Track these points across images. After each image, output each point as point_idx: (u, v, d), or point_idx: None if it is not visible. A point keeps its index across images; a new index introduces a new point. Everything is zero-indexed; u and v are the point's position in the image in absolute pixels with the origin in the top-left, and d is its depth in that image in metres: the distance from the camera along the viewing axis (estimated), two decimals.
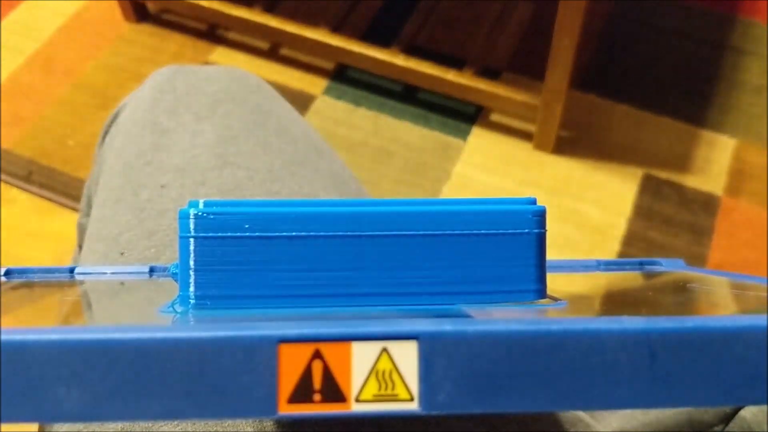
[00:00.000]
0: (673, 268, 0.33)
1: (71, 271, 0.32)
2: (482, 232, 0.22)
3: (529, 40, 1.32)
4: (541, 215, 0.23)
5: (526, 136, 1.20)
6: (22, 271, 0.31)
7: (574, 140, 1.20)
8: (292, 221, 0.22)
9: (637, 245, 1.09)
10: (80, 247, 0.50)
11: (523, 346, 0.16)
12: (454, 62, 1.20)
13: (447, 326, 0.16)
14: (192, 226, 0.22)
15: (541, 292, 0.23)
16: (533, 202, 0.23)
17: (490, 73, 1.25)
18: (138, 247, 0.40)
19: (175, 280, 0.23)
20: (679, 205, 1.13)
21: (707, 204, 1.14)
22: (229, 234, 0.22)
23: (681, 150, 1.19)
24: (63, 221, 1.10)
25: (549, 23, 1.03)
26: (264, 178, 0.43)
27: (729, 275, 0.30)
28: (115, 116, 0.50)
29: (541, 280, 0.23)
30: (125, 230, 0.42)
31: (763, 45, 1.31)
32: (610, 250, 1.09)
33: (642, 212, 1.13)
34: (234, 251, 0.22)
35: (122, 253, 0.41)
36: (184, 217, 0.22)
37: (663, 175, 1.16)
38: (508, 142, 1.20)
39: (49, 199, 1.12)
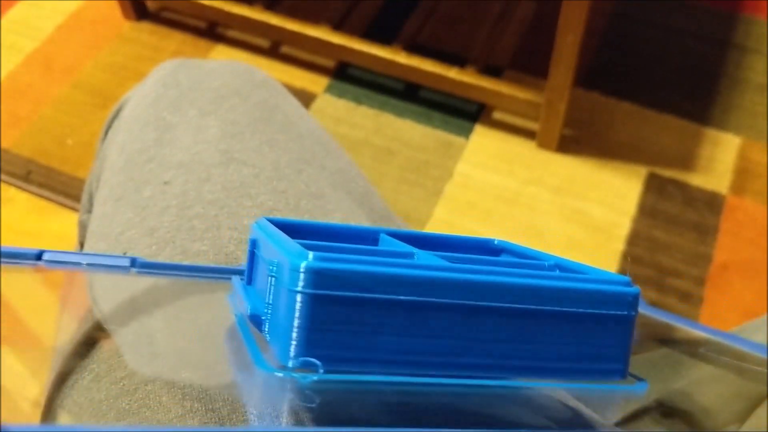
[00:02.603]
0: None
1: (38, 257, 0.28)
2: (587, 310, 0.22)
3: (532, 38, 1.31)
4: (638, 298, 0.23)
5: (529, 134, 1.19)
6: None
7: (578, 138, 1.19)
8: (414, 285, 0.20)
9: (641, 244, 1.08)
10: (81, 245, 0.49)
11: None
12: (456, 60, 1.19)
13: None
14: (302, 280, 0.20)
15: (626, 372, 0.23)
16: (628, 283, 0.23)
17: (492, 71, 1.24)
18: (140, 245, 0.40)
19: (252, 324, 0.21)
20: (683, 203, 1.13)
21: (712, 203, 1.13)
22: (347, 294, 0.20)
23: (685, 148, 1.19)
24: (62, 221, 1.09)
25: (552, 20, 1.02)
26: (270, 175, 0.42)
27: (730, 338, 0.30)
28: (118, 111, 0.49)
29: (628, 360, 0.23)
30: (127, 229, 0.41)
31: (766, 43, 1.30)
32: (614, 250, 1.08)
33: (646, 211, 1.12)
34: (347, 311, 0.20)
35: (125, 253, 0.40)
36: (294, 269, 0.20)
37: (667, 173, 1.16)
38: (510, 141, 1.19)
39: (48, 199, 1.11)
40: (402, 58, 1.16)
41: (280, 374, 0.20)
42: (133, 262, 0.29)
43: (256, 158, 0.43)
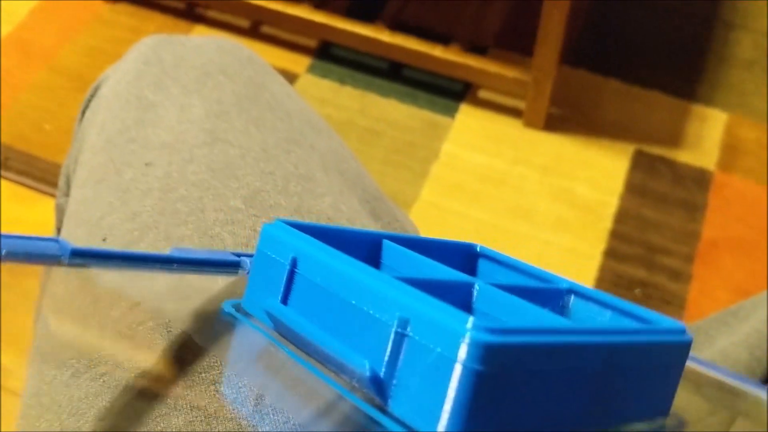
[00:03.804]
0: None
1: None
2: (661, 360, 0.22)
3: (517, 15, 1.29)
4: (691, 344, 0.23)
5: (515, 113, 1.17)
6: None
7: (565, 117, 1.18)
8: (571, 352, 0.19)
9: (629, 223, 1.07)
10: (58, 229, 0.47)
11: None
12: (441, 38, 1.17)
13: None
14: (465, 352, 0.17)
15: (669, 411, 0.23)
16: (684, 331, 0.22)
17: (477, 49, 1.22)
18: (121, 231, 0.38)
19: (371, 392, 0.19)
20: (671, 181, 1.12)
21: (700, 179, 1.12)
22: (515, 369, 0.17)
23: (672, 125, 1.18)
24: (41, 208, 1.06)
25: None
26: (257, 156, 0.40)
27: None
28: (96, 89, 0.47)
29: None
30: (107, 213, 0.39)
31: (753, 19, 1.30)
32: (603, 229, 1.07)
33: (634, 189, 1.11)
34: (513, 385, 0.17)
35: (104, 239, 0.38)
36: (454, 334, 0.17)
37: (655, 151, 1.15)
38: (497, 120, 1.17)
39: (27, 186, 1.09)
40: (386, 36, 1.14)
41: None
42: (63, 250, 0.23)
43: (243, 138, 0.41)
